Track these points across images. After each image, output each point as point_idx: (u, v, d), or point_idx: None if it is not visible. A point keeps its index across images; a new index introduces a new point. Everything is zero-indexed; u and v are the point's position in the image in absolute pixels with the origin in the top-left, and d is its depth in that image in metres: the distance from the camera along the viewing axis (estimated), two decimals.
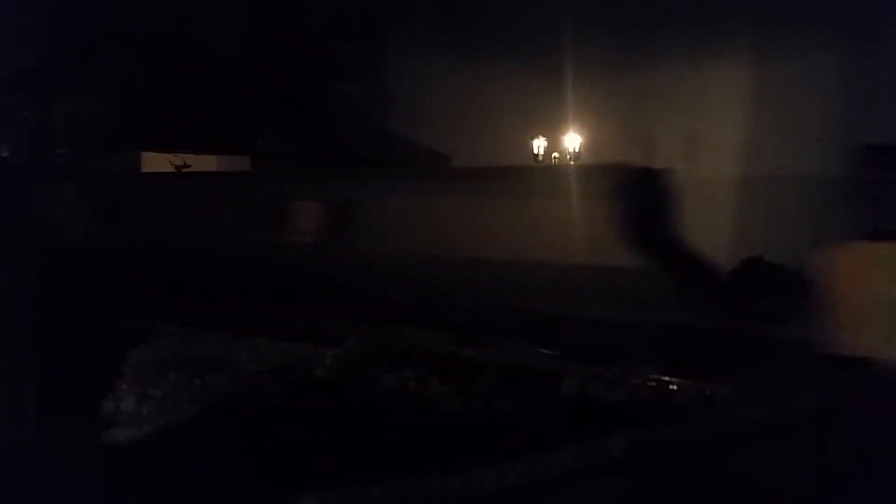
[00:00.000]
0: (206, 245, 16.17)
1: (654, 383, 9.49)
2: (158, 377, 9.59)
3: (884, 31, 22.04)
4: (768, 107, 24.05)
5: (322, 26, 29.34)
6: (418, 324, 11.85)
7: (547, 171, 19.54)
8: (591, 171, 13.19)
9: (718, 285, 11.46)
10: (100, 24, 26.25)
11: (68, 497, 6.28)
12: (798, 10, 24.24)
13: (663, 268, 10.88)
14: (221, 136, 23.88)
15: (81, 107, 24.80)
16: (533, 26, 27.96)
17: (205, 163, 23.03)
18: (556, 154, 24.41)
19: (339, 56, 28.96)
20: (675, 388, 9.32)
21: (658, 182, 12.17)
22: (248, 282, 14.73)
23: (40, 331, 10.20)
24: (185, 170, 22.40)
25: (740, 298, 11.25)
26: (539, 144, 24.12)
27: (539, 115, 25.00)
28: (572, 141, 23.88)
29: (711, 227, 13.87)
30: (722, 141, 23.93)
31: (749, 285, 12.13)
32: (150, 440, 7.76)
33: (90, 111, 24.53)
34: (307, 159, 24.44)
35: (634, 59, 26.96)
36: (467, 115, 27.39)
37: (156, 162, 22.50)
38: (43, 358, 9.15)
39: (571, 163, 23.89)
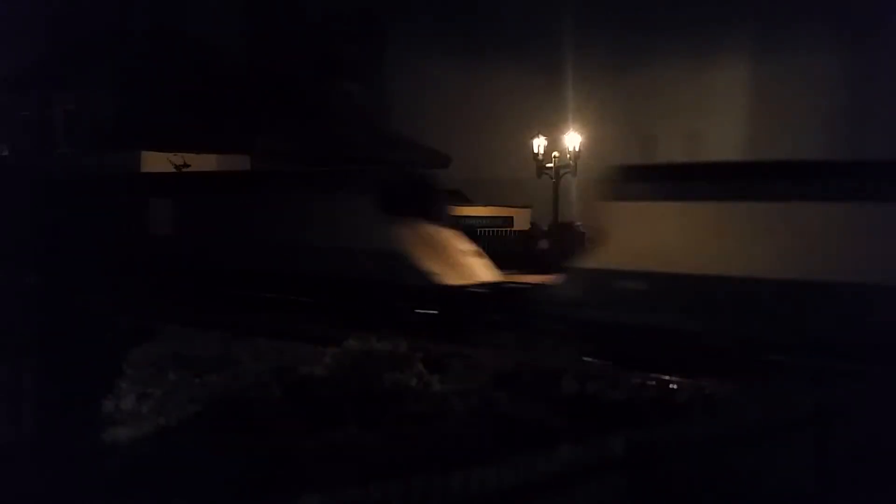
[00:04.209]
0: None
1: (654, 383, 9.49)
2: (158, 377, 9.59)
3: (882, 30, 22.04)
4: (767, 106, 24.06)
5: (322, 26, 29.34)
6: None
7: None
8: None
9: None
10: (100, 24, 26.24)
11: (68, 497, 6.27)
12: (796, 10, 24.26)
13: None
14: (221, 136, 23.85)
15: (81, 106, 24.77)
16: (533, 26, 27.95)
17: (205, 162, 23.02)
18: (556, 153, 24.40)
19: (339, 56, 28.95)
20: (674, 387, 9.32)
21: None
22: None
23: (40, 330, 10.20)
24: (185, 169, 22.38)
25: None
26: (539, 144, 24.10)
27: (539, 115, 24.97)
28: (572, 140, 23.86)
29: None
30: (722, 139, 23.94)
31: None
32: (150, 440, 7.75)
33: (90, 110, 24.51)
34: (307, 159, 24.43)
35: (634, 59, 26.97)
36: (467, 115, 27.38)
37: (156, 162, 22.48)
38: (42, 357, 9.14)
39: (571, 162, 23.89)
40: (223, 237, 17.52)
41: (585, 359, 11.44)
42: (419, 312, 14.41)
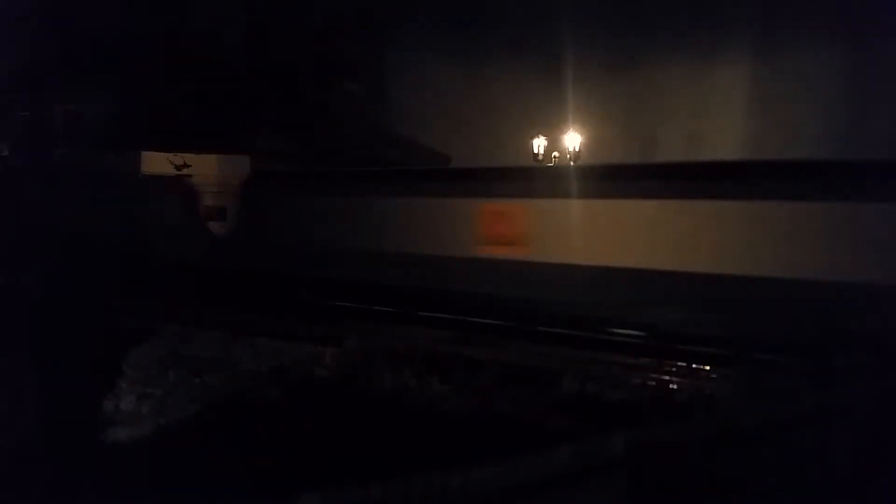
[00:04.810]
0: None
1: (654, 383, 9.48)
2: (158, 377, 9.59)
3: (881, 30, 22.03)
4: (767, 106, 24.06)
5: (323, 26, 29.33)
6: None
7: None
8: None
9: None
10: (100, 24, 26.25)
11: (68, 497, 6.27)
12: (796, 10, 24.26)
13: None
14: (221, 136, 23.84)
15: (81, 106, 24.78)
16: (533, 26, 27.97)
17: (205, 163, 23.00)
18: (556, 153, 24.41)
19: (340, 55, 28.94)
20: (674, 387, 9.31)
21: None
22: None
23: (40, 330, 10.19)
24: (185, 169, 22.36)
25: None
26: (539, 144, 24.11)
27: (539, 115, 25.00)
28: (572, 140, 23.87)
29: None
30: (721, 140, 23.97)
31: None
32: (150, 440, 7.76)
33: (90, 110, 24.52)
34: (307, 159, 24.44)
35: (634, 59, 26.98)
36: (467, 115, 27.41)
37: (156, 162, 22.46)
38: (42, 357, 9.14)
39: (571, 162, 23.89)
40: None
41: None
42: None
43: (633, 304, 10.73)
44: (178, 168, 22.09)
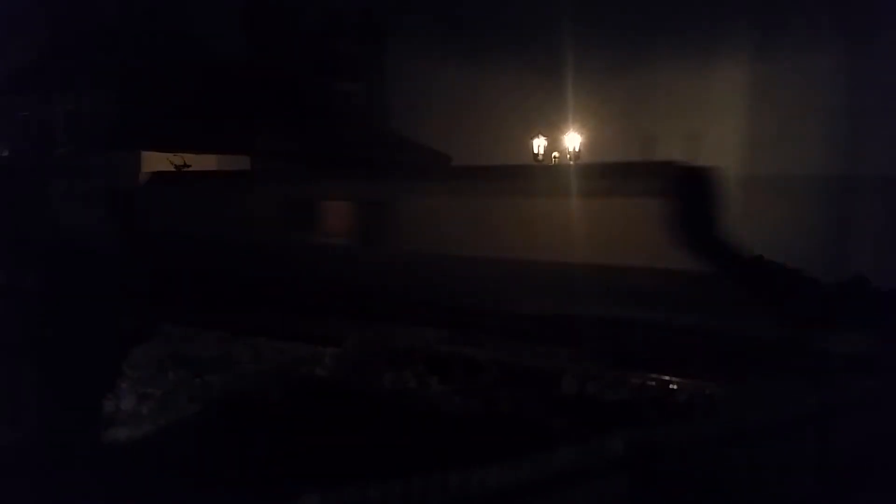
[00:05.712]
0: None
1: (653, 383, 9.47)
2: (158, 377, 9.59)
3: (881, 30, 22.04)
4: (767, 105, 24.07)
5: (323, 26, 29.36)
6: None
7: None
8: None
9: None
10: (100, 24, 26.27)
11: (68, 497, 6.27)
12: (796, 10, 24.29)
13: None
14: (221, 136, 23.85)
15: (81, 106, 24.79)
16: (533, 26, 28.00)
17: (205, 162, 23.00)
18: (556, 153, 24.39)
19: (340, 56, 28.96)
20: (674, 387, 9.31)
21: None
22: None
23: (40, 330, 10.19)
24: (184, 170, 22.34)
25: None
26: (539, 144, 24.10)
27: (539, 115, 25.02)
28: (572, 140, 23.86)
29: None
30: (721, 140, 23.98)
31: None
32: (150, 440, 7.76)
33: (90, 110, 24.52)
34: (307, 159, 24.43)
35: (634, 59, 27.01)
36: (467, 115, 27.44)
37: (156, 162, 22.47)
38: (42, 357, 9.15)
39: (571, 162, 23.88)
40: None
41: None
42: None
43: None
44: (178, 168, 22.02)
